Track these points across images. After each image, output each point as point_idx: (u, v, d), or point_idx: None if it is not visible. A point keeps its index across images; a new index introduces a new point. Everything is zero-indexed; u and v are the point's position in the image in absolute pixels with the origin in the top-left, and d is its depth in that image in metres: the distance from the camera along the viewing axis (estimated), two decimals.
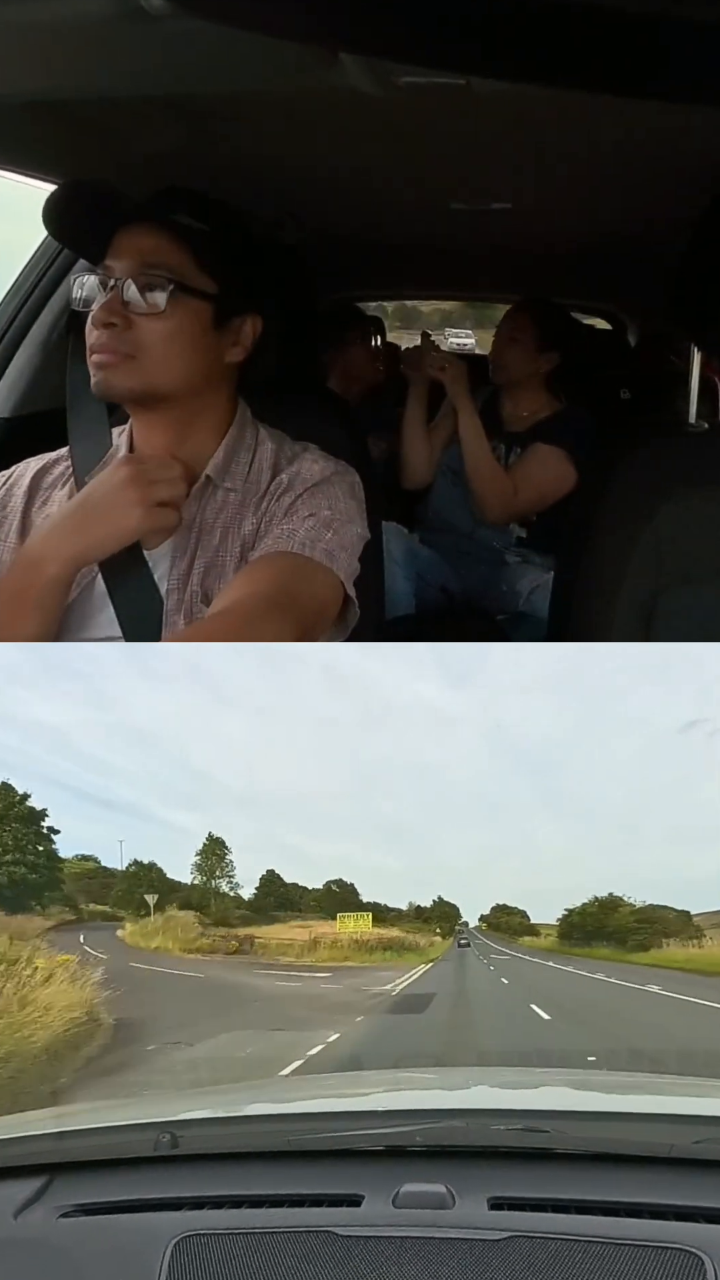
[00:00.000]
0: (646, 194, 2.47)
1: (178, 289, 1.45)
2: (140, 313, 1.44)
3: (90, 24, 1.20)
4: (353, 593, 1.52)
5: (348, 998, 7.27)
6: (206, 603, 1.49)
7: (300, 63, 1.39)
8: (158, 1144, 0.91)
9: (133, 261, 1.46)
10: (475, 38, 0.69)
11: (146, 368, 1.46)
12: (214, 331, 1.50)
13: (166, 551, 1.53)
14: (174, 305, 1.45)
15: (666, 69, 0.69)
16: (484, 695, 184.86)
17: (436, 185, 2.65)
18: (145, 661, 75.34)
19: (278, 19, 0.74)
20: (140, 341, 1.45)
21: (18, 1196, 0.91)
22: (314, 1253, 0.80)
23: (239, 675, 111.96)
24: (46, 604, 1.44)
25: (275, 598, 1.39)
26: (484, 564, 3.16)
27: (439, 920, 36.03)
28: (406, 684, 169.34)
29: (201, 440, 1.55)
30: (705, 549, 1.75)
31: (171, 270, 1.46)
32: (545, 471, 2.96)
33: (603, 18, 0.66)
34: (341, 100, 1.71)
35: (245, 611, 1.36)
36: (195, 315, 1.48)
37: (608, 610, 1.78)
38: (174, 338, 1.46)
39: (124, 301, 1.44)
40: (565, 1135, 0.89)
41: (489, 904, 45.82)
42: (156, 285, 1.45)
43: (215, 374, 1.54)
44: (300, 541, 1.45)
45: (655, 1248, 0.77)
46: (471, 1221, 0.81)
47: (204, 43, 1.26)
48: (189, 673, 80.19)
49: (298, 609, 1.41)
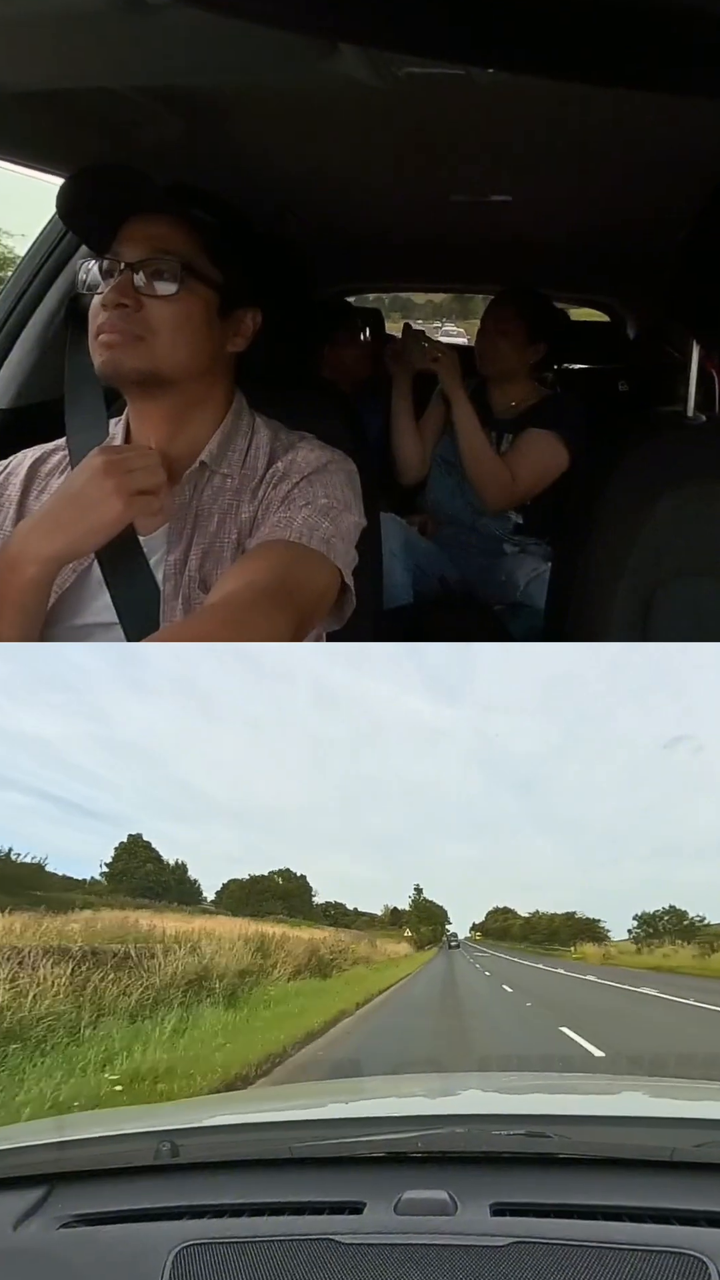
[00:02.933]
0: (646, 187, 2.46)
1: (188, 275, 1.46)
2: (152, 295, 1.45)
3: (89, 15, 1.19)
4: (350, 581, 1.51)
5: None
6: (204, 589, 1.49)
7: (299, 54, 1.38)
8: (158, 1153, 0.90)
9: (144, 248, 1.46)
10: (474, 29, 0.68)
11: (155, 349, 1.46)
12: (219, 320, 1.52)
13: (162, 538, 1.52)
14: (184, 291, 1.46)
15: (666, 61, 0.69)
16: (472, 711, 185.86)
17: (436, 177, 2.63)
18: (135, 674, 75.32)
19: (276, 10, 0.73)
20: (150, 323, 1.45)
21: (18, 1207, 0.90)
22: (316, 1261, 0.80)
23: (229, 688, 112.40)
24: (28, 605, 1.41)
25: (272, 588, 1.38)
26: (482, 554, 3.16)
27: (422, 922, 33.72)
28: (397, 698, 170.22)
29: (198, 428, 1.56)
30: (703, 541, 1.75)
31: (183, 257, 1.47)
32: (540, 455, 2.96)
33: (602, 9, 0.65)
34: (341, 91, 1.70)
35: (242, 602, 1.35)
36: (203, 303, 1.49)
37: (606, 602, 1.78)
38: (183, 322, 1.47)
39: (134, 285, 1.45)
40: (567, 1140, 0.89)
41: (473, 917, 46.72)
42: (168, 271, 1.46)
43: (217, 362, 1.55)
44: (297, 530, 1.45)
45: (659, 1252, 0.77)
46: (474, 1228, 0.81)
47: (202, 34, 1.26)
48: (179, 685, 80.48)
49: (295, 599, 1.39)
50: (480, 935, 46.51)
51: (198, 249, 1.49)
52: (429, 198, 2.84)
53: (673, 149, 2.10)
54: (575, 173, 2.47)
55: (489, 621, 2.99)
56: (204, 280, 1.49)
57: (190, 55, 1.39)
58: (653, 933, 25.72)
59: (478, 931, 49.88)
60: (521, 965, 16.12)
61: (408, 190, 2.77)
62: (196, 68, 1.48)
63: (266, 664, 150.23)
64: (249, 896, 25.68)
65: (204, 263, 1.49)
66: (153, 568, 1.51)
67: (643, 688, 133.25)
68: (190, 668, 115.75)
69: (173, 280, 1.46)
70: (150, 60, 1.43)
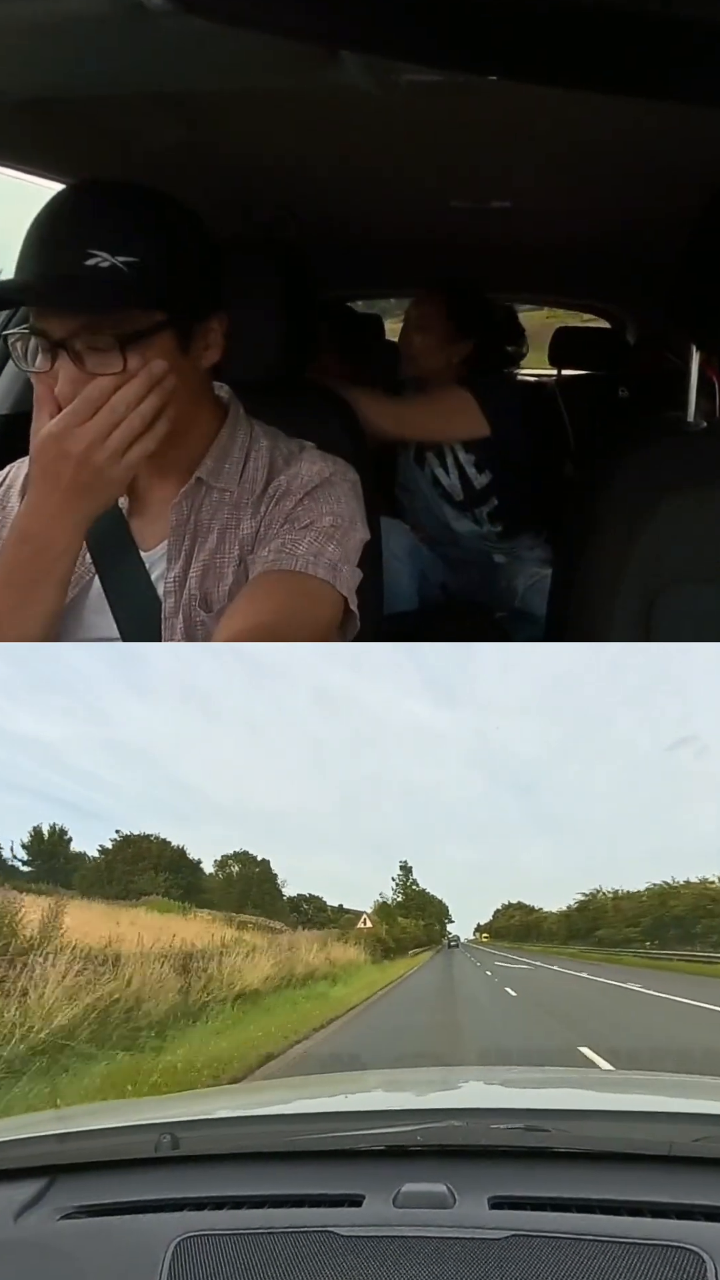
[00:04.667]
0: (645, 192, 2.47)
1: (130, 342, 1.30)
2: (101, 372, 1.30)
3: (89, 21, 1.20)
4: (355, 607, 1.50)
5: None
6: (204, 606, 1.48)
7: (300, 61, 1.39)
8: (158, 1145, 0.91)
9: (66, 326, 1.30)
10: (475, 36, 0.69)
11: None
12: (182, 354, 1.38)
13: (163, 553, 1.51)
14: (132, 357, 1.30)
15: (665, 68, 0.69)
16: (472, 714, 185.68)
17: (436, 183, 2.65)
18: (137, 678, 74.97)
19: (277, 17, 0.74)
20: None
21: (18, 1198, 0.91)
22: (315, 1253, 0.80)
23: (230, 692, 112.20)
24: (64, 577, 1.37)
25: (278, 628, 1.36)
26: (475, 563, 3.15)
27: (412, 913, 26.33)
28: (397, 701, 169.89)
29: (192, 443, 1.50)
30: (704, 548, 1.75)
31: (111, 325, 1.30)
32: (442, 401, 2.76)
33: (601, 17, 0.66)
34: (341, 98, 1.71)
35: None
36: (159, 350, 1.33)
37: (606, 609, 1.78)
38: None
39: (83, 367, 1.30)
40: (566, 1134, 0.89)
41: (475, 919, 44.73)
42: (105, 346, 1.30)
43: (194, 385, 1.45)
44: (302, 559, 1.42)
45: (656, 1246, 0.77)
46: (472, 1221, 0.81)
47: (203, 40, 1.26)
48: (181, 689, 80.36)
49: (301, 634, 1.39)
50: (487, 937, 45.60)
51: (120, 306, 1.30)
52: (429, 204, 2.85)
53: (671, 155, 2.11)
54: (575, 179, 2.48)
55: (490, 629, 2.99)
56: (148, 334, 1.32)
57: (191, 62, 1.39)
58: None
59: (483, 933, 48.81)
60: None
61: (408, 196, 2.78)
62: (197, 75, 1.48)
63: (266, 665, 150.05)
64: (115, 870, 19.40)
65: (138, 316, 1.31)
66: (153, 583, 1.50)
67: (644, 689, 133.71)
68: (190, 669, 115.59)
69: (116, 356, 1.30)
70: (150, 67, 1.43)
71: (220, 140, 2.12)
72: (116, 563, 1.48)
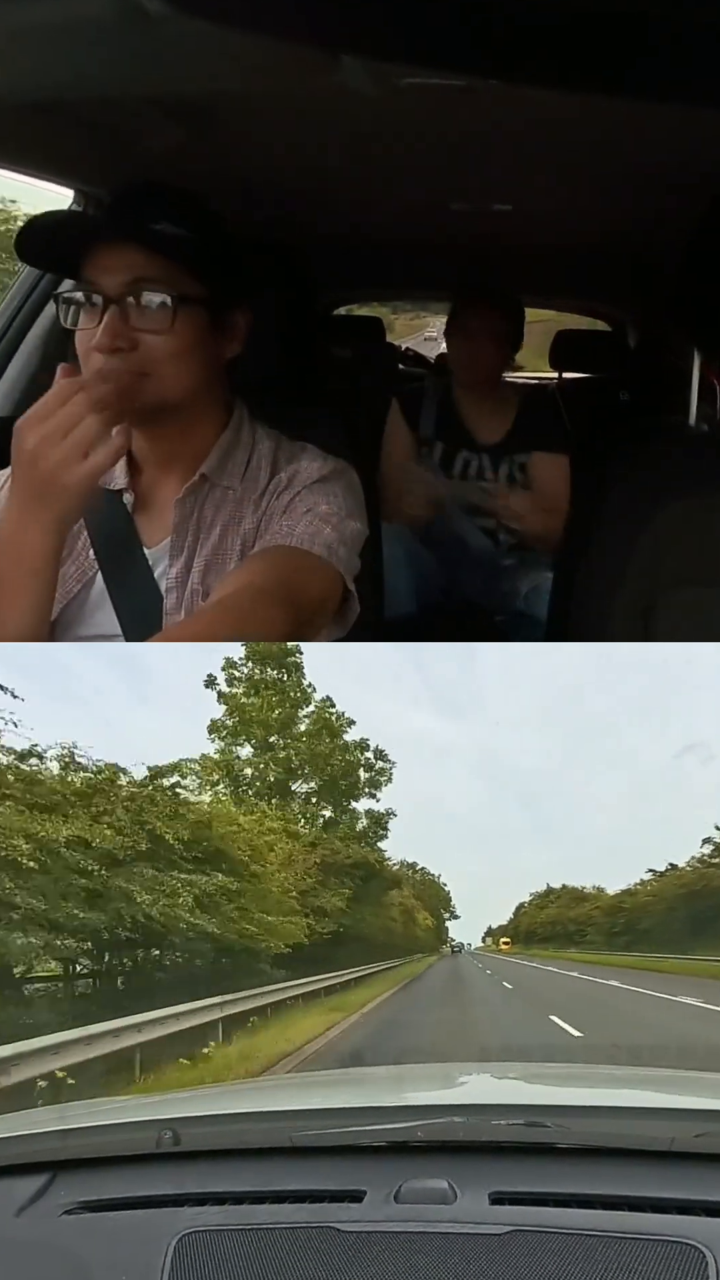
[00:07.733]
0: (646, 196, 2.47)
1: (177, 302, 1.42)
2: (145, 330, 1.41)
3: (90, 26, 1.21)
4: (353, 588, 1.51)
5: None
6: None
7: (301, 64, 1.39)
8: (160, 1141, 0.91)
9: (122, 276, 1.41)
10: (476, 40, 0.69)
11: (160, 384, 1.43)
12: (212, 334, 1.48)
13: (166, 550, 1.52)
14: (177, 319, 1.42)
15: (665, 71, 0.70)
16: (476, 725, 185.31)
17: (436, 186, 2.65)
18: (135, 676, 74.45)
19: (278, 20, 0.75)
20: (150, 359, 1.41)
21: (20, 1194, 0.91)
22: (316, 1248, 0.80)
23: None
24: (48, 574, 1.38)
25: (271, 590, 1.37)
26: (482, 566, 3.15)
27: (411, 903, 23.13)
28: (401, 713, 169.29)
29: (198, 441, 1.54)
30: (704, 551, 1.75)
31: (166, 284, 1.41)
32: (563, 481, 2.77)
33: (602, 20, 0.66)
34: (342, 101, 1.72)
35: (240, 603, 1.35)
36: (196, 324, 1.45)
37: (606, 611, 1.78)
38: (182, 352, 1.44)
39: (126, 323, 1.40)
40: (566, 1130, 0.89)
41: (481, 927, 43.61)
42: (155, 302, 1.41)
43: (215, 373, 1.53)
44: (299, 536, 1.45)
45: (657, 1241, 0.77)
46: (473, 1216, 0.81)
47: (204, 44, 1.27)
48: (186, 700, 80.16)
49: (295, 601, 1.40)
50: (507, 942, 43.86)
51: (177, 270, 1.42)
52: (430, 206, 2.86)
53: (672, 158, 2.11)
54: (575, 182, 2.49)
55: (491, 632, 2.99)
56: (192, 301, 1.44)
57: (192, 66, 1.40)
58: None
59: (492, 937, 47.57)
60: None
61: (409, 199, 2.79)
62: (199, 78, 1.48)
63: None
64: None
65: (187, 281, 1.43)
66: (156, 579, 1.51)
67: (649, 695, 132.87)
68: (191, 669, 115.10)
69: (164, 313, 1.41)
70: (153, 70, 1.44)
71: (221, 143, 2.12)
72: (120, 558, 1.49)
